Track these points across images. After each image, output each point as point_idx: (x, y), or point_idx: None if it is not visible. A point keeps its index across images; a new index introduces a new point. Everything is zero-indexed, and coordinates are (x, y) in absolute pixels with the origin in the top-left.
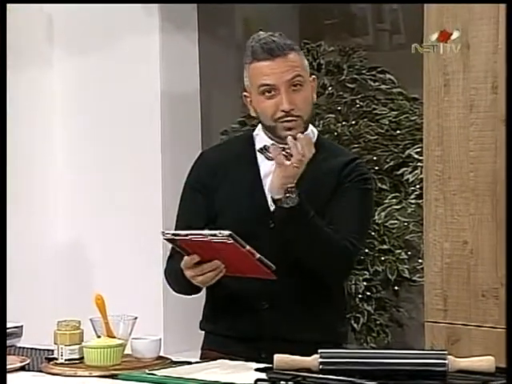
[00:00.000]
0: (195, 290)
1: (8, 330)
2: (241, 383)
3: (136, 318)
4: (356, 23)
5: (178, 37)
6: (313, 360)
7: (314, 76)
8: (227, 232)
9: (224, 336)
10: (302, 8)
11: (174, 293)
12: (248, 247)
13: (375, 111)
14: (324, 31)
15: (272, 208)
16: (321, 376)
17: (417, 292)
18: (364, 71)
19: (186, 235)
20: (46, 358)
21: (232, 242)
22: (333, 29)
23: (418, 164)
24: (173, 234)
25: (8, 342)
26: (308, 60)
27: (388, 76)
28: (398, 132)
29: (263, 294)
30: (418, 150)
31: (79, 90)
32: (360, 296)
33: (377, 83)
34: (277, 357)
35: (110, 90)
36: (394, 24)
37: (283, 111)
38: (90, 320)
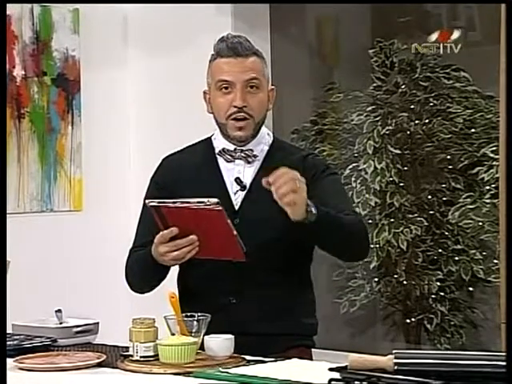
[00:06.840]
0: (159, 277)
1: (84, 327)
2: (314, 382)
3: (209, 316)
4: (430, 21)
5: (250, 36)
6: (388, 360)
7: (273, 87)
8: (215, 200)
9: None
10: (375, 6)
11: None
12: (229, 220)
13: (449, 109)
14: (397, 29)
15: (237, 207)
16: (395, 376)
17: (492, 293)
18: (438, 69)
19: (173, 202)
20: (121, 355)
21: (221, 208)
22: (406, 27)
23: (494, 163)
24: (159, 202)
25: (84, 339)
26: (380, 58)
27: (462, 74)
28: (473, 130)
29: (231, 289)
30: (494, 148)
31: (153, 90)
32: (433, 296)
33: (451, 81)
34: (351, 356)
35: (183, 90)
36: (469, 21)
37: (235, 107)
38: (164, 318)
